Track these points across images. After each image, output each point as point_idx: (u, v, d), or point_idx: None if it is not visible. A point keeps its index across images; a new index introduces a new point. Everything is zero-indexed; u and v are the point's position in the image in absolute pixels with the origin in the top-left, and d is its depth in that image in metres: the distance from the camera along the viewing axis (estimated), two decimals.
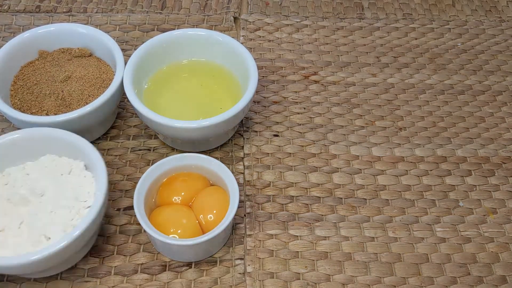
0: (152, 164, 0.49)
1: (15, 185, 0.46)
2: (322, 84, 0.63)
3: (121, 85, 0.52)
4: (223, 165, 0.48)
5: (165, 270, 0.47)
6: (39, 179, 0.46)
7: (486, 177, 0.55)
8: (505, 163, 0.56)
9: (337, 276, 0.47)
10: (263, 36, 0.68)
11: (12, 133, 0.47)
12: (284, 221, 0.51)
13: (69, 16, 0.69)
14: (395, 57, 0.66)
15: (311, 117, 0.59)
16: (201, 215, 0.47)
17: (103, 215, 0.45)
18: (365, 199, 0.53)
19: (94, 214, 0.42)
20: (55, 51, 0.57)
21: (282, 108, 0.60)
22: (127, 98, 0.50)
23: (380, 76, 0.64)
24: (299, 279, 0.47)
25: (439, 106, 0.61)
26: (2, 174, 0.47)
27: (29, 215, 0.44)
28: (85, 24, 0.63)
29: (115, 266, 0.47)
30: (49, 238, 0.43)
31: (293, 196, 0.53)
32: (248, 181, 0.54)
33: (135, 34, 0.67)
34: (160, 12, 0.70)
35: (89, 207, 0.44)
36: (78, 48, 0.57)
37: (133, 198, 0.45)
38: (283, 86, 0.62)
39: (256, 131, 0.58)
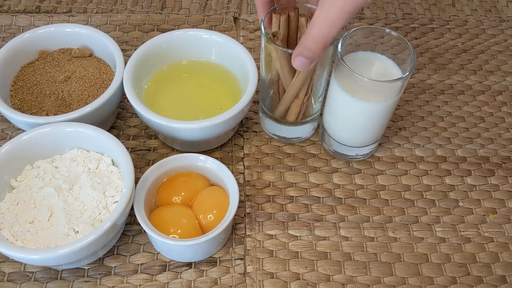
0: (152, 164, 0.49)
1: (44, 178, 0.47)
2: None
3: (121, 85, 0.52)
4: (223, 165, 0.48)
5: (165, 270, 0.47)
6: (68, 173, 0.47)
7: (486, 177, 0.55)
8: (505, 163, 0.56)
9: (337, 276, 0.47)
10: None
11: (42, 127, 0.48)
12: (284, 221, 0.51)
13: (69, 16, 0.69)
14: None
15: None
16: (201, 215, 0.47)
17: (129, 211, 0.45)
18: (365, 199, 0.53)
19: (121, 209, 0.43)
20: (55, 52, 0.57)
21: None
22: (127, 98, 0.50)
23: None
24: (299, 279, 0.47)
25: (439, 106, 0.61)
26: (32, 167, 0.48)
27: (57, 208, 0.45)
28: (85, 24, 0.64)
29: (115, 266, 0.47)
30: (77, 231, 0.44)
31: (293, 196, 0.53)
32: (248, 181, 0.54)
33: (135, 34, 0.67)
34: (160, 12, 0.70)
35: (116, 202, 0.45)
36: (78, 48, 0.57)
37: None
38: None
39: (256, 131, 0.58)
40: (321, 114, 0.56)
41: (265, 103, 0.53)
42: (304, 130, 0.54)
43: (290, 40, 0.48)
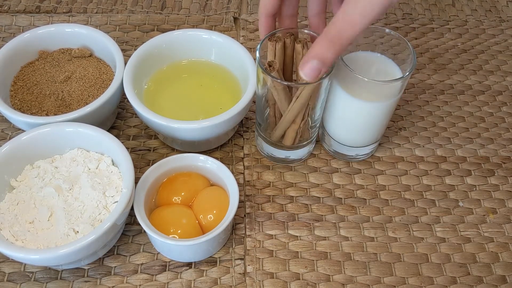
0: (152, 164, 0.49)
1: (44, 178, 0.47)
2: None
3: (121, 85, 0.52)
4: (223, 165, 0.48)
5: (165, 270, 0.47)
6: (68, 173, 0.47)
7: (486, 177, 0.55)
8: (505, 163, 0.56)
9: (337, 276, 0.47)
10: None
11: (42, 127, 0.48)
12: (283, 221, 0.51)
13: (69, 16, 0.69)
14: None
15: None
16: (201, 215, 0.47)
17: (129, 211, 0.45)
18: (365, 199, 0.53)
19: (121, 209, 0.43)
20: (55, 52, 0.57)
21: None
22: (127, 98, 0.50)
23: None
24: (299, 279, 0.47)
25: (439, 106, 0.61)
26: (32, 167, 0.48)
27: (57, 208, 0.45)
28: (85, 24, 0.64)
29: (115, 266, 0.47)
30: (77, 231, 0.44)
31: (293, 196, 0.53)
32: (248, 181, 0.54)
33: (135, 34, 0.67)
34: (160, 12, 0.70)
35: (116, 202, 0.45)
36: (78, 48, 0.57)
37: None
38: None
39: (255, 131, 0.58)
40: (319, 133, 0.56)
41: (261, 127, 0.53)
42: (301, 153, 0.54)
43: (286, 68, 0.48)
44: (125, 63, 0.53)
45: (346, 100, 0.48)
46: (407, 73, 0.45)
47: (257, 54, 0.45)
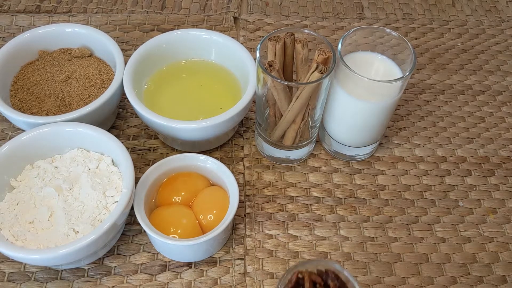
0: (152, 164, 0.49)
1: (44, 178, 0.47)
2: None
3: (121, 85, 0.52)
4: (223, 165, 0.48)
5: (165, 270, 0.47)
6: (68, 173, 0.47)
7: (486, 177, 0.55)
8: (505, 163, 0.56)
9: None
10: (263, 36, 0.68)
11: (42, 127, 0.48)
12: (283, 221, 0.51)
13: (69, 16, 0.69)
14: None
15: None
16: (201, 215, 0.47)
17: (129, 211, 0.45)
18: (365, 199, 0.53)
19: (121, 209, 0.43)
20: (55, 51, 0.57)
21: None
22: (127, 98, 0.50)
23: None
24: None
25: (439, 106, 0.61)
26: (32, 167, 0.48)
27: (57, 208, 0.45)
28: (85, 24, 0.64)
29: (115, 266, 0.47)
30: (77, 231, 0.44)
31: (293, 196, 0.53)
32: (248, 181, 0.54)
33: (135, 34, 0.67)
34: (160, 12, 0.70)
35: (116, 202, 0.45)
36: (78, 48, 0.57)
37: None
38: None
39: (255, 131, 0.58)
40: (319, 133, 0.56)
41: (261, 127, 0.53)
42: (301, 153, 0.54)
43: (286, 68, 0.48)
44: (125, 63, 0.53)
45: (346, 100, 0.48)
46: (407, 73, 0.45)
47: (257, 54, 0.45)
